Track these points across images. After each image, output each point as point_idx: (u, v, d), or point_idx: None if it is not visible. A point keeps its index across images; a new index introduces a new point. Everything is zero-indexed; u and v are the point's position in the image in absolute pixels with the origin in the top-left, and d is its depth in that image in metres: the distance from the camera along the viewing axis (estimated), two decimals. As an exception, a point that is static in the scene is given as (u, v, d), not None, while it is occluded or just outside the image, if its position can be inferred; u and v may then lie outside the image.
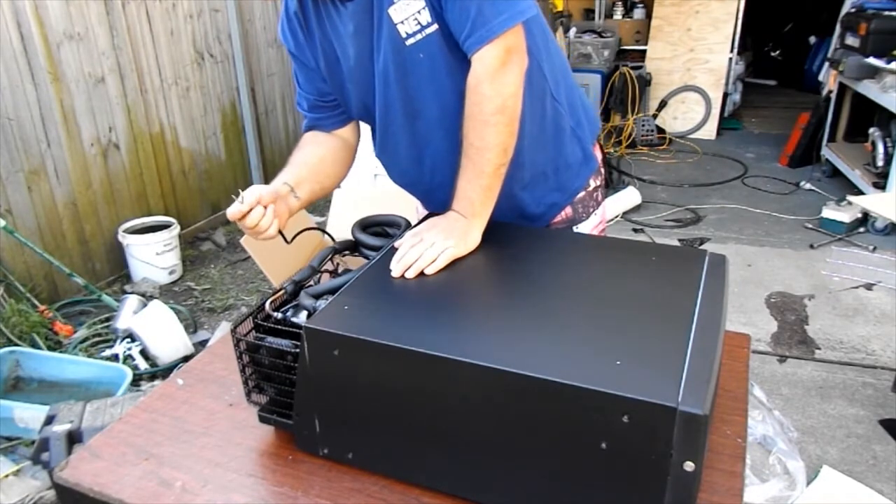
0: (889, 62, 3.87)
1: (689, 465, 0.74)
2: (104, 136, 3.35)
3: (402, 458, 0.92)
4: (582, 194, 1.39)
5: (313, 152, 1.34)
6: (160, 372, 2.67)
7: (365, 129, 1.41)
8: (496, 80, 1.07)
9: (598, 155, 1.42)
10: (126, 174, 3.51)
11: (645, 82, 5.64)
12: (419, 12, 1.10)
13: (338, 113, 1.35)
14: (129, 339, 2.78)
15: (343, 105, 1.32)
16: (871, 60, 3.97)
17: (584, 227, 1.41)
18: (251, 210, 1.12)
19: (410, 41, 1.12)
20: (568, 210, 1.38)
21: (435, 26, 1.11)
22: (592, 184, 1.40)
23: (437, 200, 1.25)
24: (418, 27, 1.11)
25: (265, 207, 1.14)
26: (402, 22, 1.11)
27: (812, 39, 6.82)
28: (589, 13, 6.45)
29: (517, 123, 1.12)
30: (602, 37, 5.91)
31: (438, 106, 1.19)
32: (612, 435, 0.76)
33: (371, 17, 1.13)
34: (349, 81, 1.25)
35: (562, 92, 1.28)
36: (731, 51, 5.60)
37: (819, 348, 2.76)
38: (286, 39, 1.30)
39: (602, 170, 1.44)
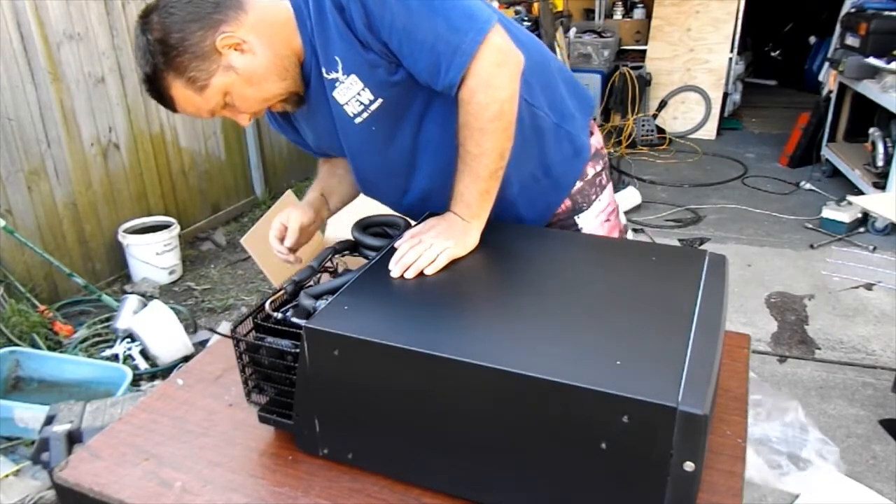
0: (889, 62, 3.87)
1: (689, 465, 0.74)
2: (104, 136, 3.35)
3: (402, 458, 0.92)
4: (579, 185, 1.36)
5: (339, 164, 1.41)
6: (160, 372, 2.67)
7: None
8: (491, 86, 1.06)
9: (594, 141, 1.39)
10: (126, 174, 3.51)
11: (645, 82, 5.64)
12: (359, 93, 1.12)
13: None
14: (129, 339, 2.78)
15: None
16: (871, 60, 3.97)
17: (589, 215, 1.38)
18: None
19: (358, 120, 1.15)
20: (567, 202, 1.37)
21: (379, 101, 1.13)
22: (591, 171, 1.38)
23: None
24: (362, 107, 1.13)
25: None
26: (346, 103, 1.14)
27: (812, 39, 6.82)
28: (589, 13, 6.45)
29: (513, 127, 1.11)
30: (602, 37, 5.91)
31: (405, 161, 1.24)
32: (612, 435, 0.76)
33: (324, 98, 1.16)
34: (329, 149, 1.33)
35: (537, 92, 1.26)
36: (731, 51, 5.59)
37: (819, 348, 2.76)
38: (270, 122, 1.38)
39: (603, 152, 1.41)
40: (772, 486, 2.00)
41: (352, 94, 1.12)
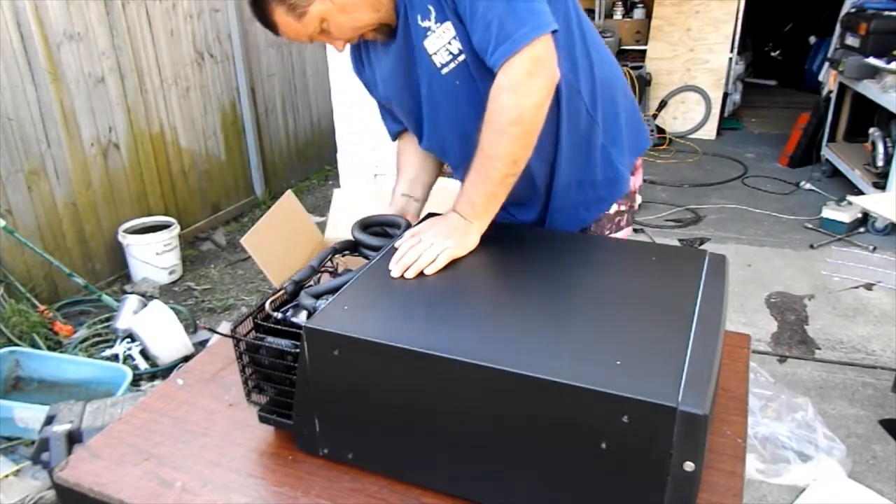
0: (889, 62, 3.87)
1: (689, 465, 0.74)
2: (104, 136, 3.35)
3: (402, 458, 0.92)
4: (600, 216, 1.37)
5: (416, 153, 1.42)
6: (160, 372, 2.67)
7: (361, 124, 1.44)
8: (518, 91, 1.07)
9: (633, 180, 1.39)
10: (126, 174, 3.51)
11: (645, 82, 5.64)
12: (450, 42, 1.14)
13: None
14: (129, 339, 2.78)
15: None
16: (871, 60, 3.97)
17: None
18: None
19: (445, 70, 1.17)
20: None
21: (464, 56, 1.15)
22: (615, 207, 1.38)
23: None
24: (450, 57, 1.15)
25: None
26: (435, 53, 1.16)
27: (812, 39, 6.82)
28: (589, 13, 6.44)
29: (534, 136, 1.11)
30: (602, 37, 5.89)
31: (462, 131, 1.23)
32: (612, 435, 0.76)
33: (409, 42, 1.19)
34: (393, 91, 1.32)
35: (599, 107, 1.27)
36: (731, 51, 5.60)
37: (819, 348, 2.76)
38: (353, 62, 1.38)
39: (635, 197, 1.41)
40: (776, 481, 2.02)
41: (442, 43, 1.14)
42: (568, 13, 1.18)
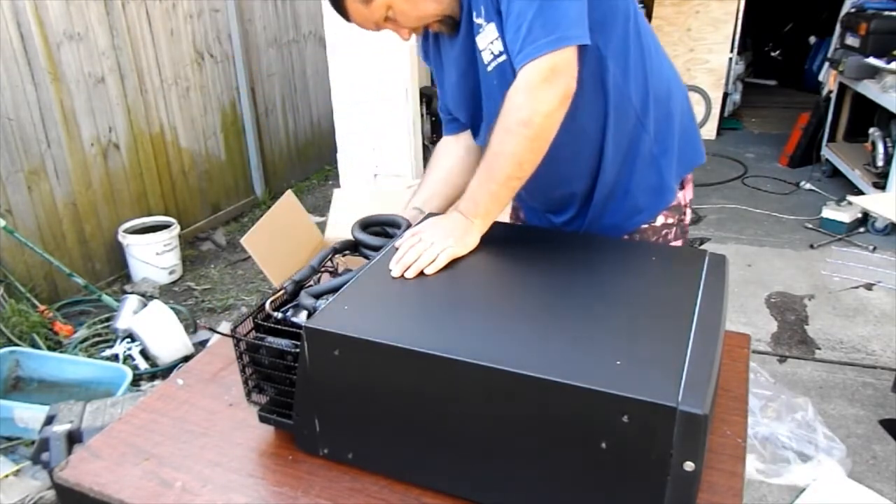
0: (889, 62, 3.87)
1: (689, 465, 0.74)
2: (104, 136, 3.35)
3: (401, 458, 0.92)
4: (644, 227, 1.35)
5: (442, 166, 1.45)
6: (160, 372, 2.67)
7: (361, 124, 1.44)
8: (532, 94, 1.08)
9: (683, 194, 1.37)
10: (126, 174, 3.51)
11: (645, 82, 5.64)
12: (492, 42, 1.17)
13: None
14: (129, 339, 2.78)
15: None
16: (871, 60, 3.97)
17: None
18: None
19: (489, 68, 1.21)
20: (625, 238, 1.36)
21: (504, 56, 1.17)
22: (661, 219, 1.35)
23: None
24: (492, 57, 1.19)
25: None
26: (483, 50, 1.19)
27: (812, 39, 6.82)
28: (589, 13, 6.43)
29: (543, 143, 1.11)
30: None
31: None
32: (612, 435, 0.76)
33: (471, 44, 1.22)
34: (458, 95, 1.34)
35: (651, 116, 1.27)
36: (731, 51, 5.59)
37: (819, 348, 2.76)
38: (422, 55, 1.43)
39: (685, 211, 1.39)
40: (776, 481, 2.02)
41: (487, 42, 1.17)
42: (627, 19, 1.19)
